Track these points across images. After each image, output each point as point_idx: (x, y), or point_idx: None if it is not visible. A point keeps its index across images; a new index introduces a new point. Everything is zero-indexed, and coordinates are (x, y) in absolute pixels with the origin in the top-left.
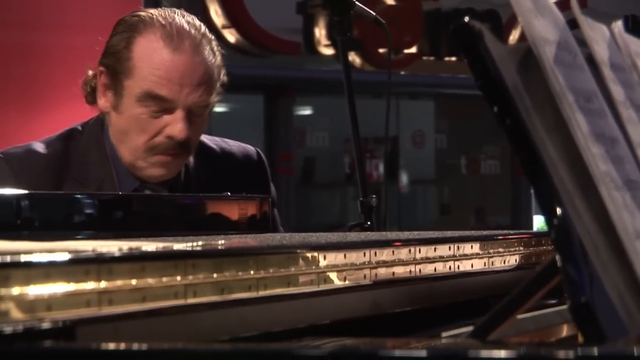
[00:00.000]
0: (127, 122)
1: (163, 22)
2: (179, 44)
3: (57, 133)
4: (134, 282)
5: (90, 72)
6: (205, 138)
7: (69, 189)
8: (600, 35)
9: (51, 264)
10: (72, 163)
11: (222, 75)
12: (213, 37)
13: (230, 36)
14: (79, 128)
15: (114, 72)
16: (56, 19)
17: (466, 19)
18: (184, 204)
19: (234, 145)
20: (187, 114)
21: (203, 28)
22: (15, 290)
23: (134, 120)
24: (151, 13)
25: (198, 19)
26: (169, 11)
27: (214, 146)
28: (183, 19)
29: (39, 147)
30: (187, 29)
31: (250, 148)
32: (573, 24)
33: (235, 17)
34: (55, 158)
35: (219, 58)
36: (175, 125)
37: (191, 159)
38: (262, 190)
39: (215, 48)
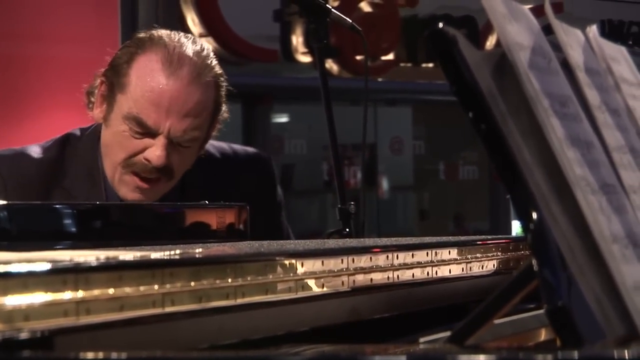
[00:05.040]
0: (112, 136)
1: (167, 43)
2: (176, 70)
3: (55, 137)
4: (111, 291)
5: (97, 80)
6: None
7: (57, 198)
8: (575, 40)
9: (29, 274)
10: (64, 172)
11: (222, 112)
12: (221, 72)
13: (208, 45)
14: (77, 133)
15: (111, 84)
16: (35, 30)
17: (440, 24)
18: (162, 213)
19: (239, 149)
20: (169, 142)
21: (211, 59)
22: None
23: (118, 136)
24: (161, 33)
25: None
26: (181, 35)
27: (214, 151)
28: (192, 44)
29: (34, 151)
30: (190, 55)
31: (255, 152)
32: (548, 30)
33: (212, 25)
34: (47, 165)
35: (221, 93)
36: (154, 151)
37: None
38: (268, 195)
39: (219, 82)
